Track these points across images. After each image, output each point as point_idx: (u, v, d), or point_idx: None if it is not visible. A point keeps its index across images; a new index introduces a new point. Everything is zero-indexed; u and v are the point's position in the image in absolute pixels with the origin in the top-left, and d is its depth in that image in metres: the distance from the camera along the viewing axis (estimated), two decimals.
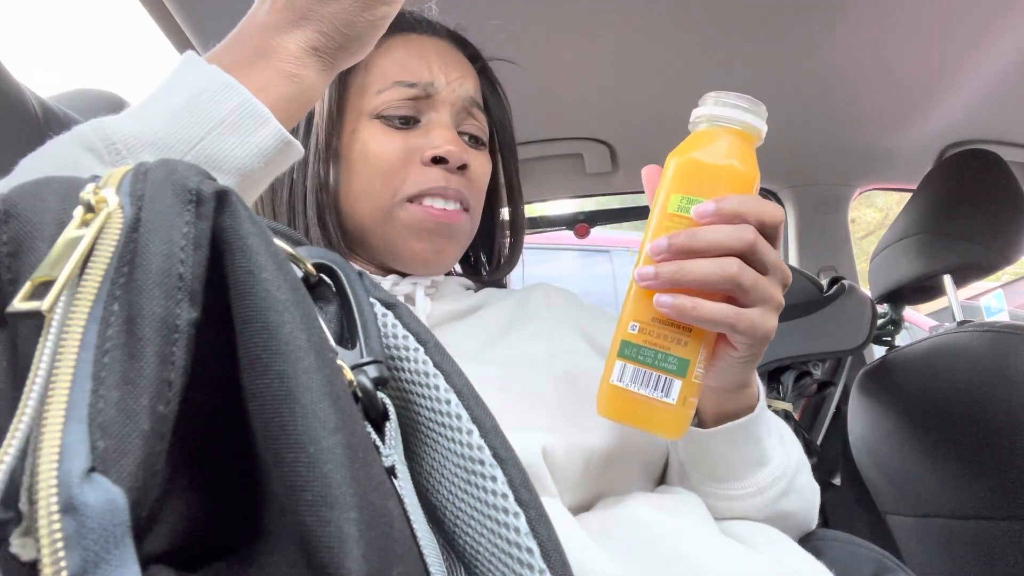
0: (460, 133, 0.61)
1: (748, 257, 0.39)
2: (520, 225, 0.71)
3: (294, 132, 0.58)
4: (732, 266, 0.38)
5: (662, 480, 0.55)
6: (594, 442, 0.47)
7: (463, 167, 0.59)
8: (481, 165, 0.62)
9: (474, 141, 0.63)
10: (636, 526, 0.41)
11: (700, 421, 0.48)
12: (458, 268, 0.72)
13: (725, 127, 0.42)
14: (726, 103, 0.42)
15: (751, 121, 0.42)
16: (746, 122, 0.42)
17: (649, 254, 0.40)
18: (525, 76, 1.04)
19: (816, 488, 0.53)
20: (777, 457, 0.48)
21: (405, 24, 0.63)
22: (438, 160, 0.57)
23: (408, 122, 0.59)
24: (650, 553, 0.39)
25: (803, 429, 1.14)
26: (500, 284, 0.72)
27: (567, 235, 1.49)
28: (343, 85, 0.58)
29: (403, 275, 0.60)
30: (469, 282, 0.66)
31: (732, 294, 0.39)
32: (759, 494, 0.47)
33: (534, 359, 0.53)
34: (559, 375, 0.51)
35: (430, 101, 0.59)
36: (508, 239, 0.72)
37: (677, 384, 0.39)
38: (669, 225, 0.40)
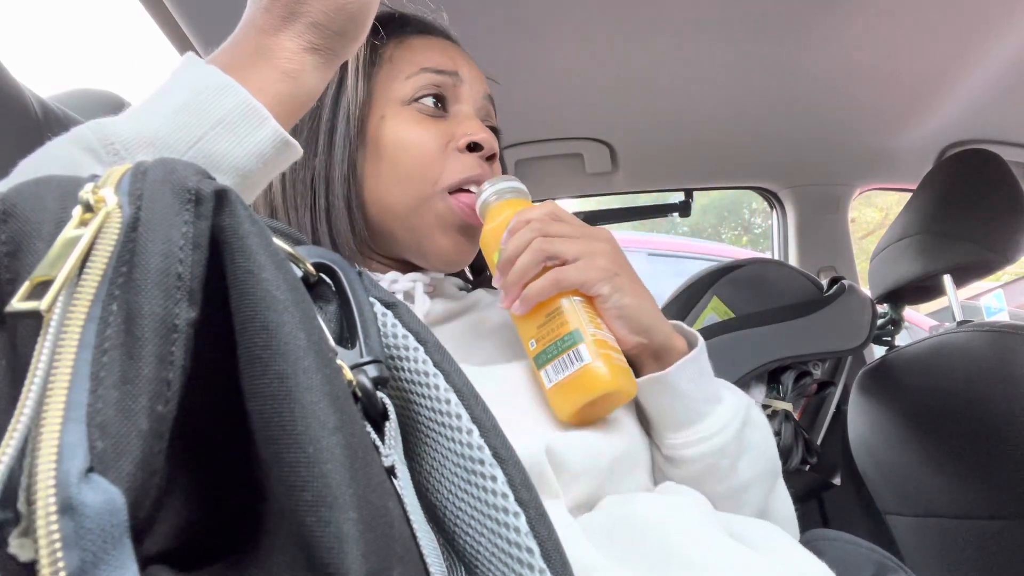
0: None
1: (547, 235, 0.48)
2: None
3: (313, 122, 0.59)
4: (535, 244, 0.48)
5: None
6: (596, 440, 0.47)
7: (492, 156, 0.61)
8: (499, 160, 0.64)
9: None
10: (640, 526, 0.41)
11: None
12: None
13: (502, 200, 0.54)
14: (495, 183, 0.55)
15: (516, 186, 0.55)
16: (514, 188, 0.55)
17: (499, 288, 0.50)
18: (526, 76, 1.04)
19: (767, 423, 0.56)
20: (728, 395, 0.52)
21: (422, 27, 0.64)
22: (472, 147, 0.59)
23: (437, 111, 0.60)
24: (654, 553, 0.39)
25: (803, 429, 1.14)
26: (491, 286, 0.72)
27: None
28: (367, 77, 0.59)
29: (403, 271, 0.60)
30: (462, 282, 0.67)
31: (553, 262, 0.48)
32: (725, 428, 0.50)
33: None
34: None
35: (456, 92, 0.61)
36: None
37: (582, 347, 0.46)
38: None
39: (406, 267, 0.61)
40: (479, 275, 0.73)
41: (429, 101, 0.59)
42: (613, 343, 0.48)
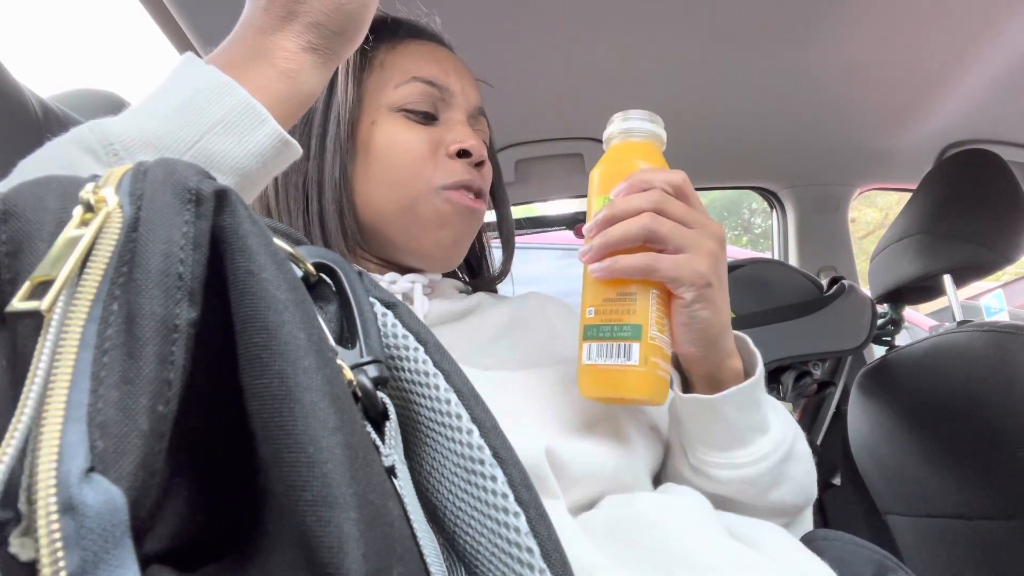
0: None
1: (662, 212, 0.44)
2: (510, 234, 0.72)
3: (305, 126, 0.59)
4: (644, 219, 0.44)
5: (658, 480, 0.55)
6: (598, 450, 0.47)
7: (480, 163, 0.61)
8: (490, 167, 0.64)
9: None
10: (642, 526, 0.41)
11: (703, 392, 0.49)
12: None
13: (631, 140, 0.49)
14: (630, 118, 0.49)
15: (652, 129, 0.49)
16: (648, 130, 0.49)
17: (585, 237, 0.47)
18: (525, 76, 1.04)
19: (811, 455, 0.54)
20: (775, 424, 0.50)
21: (414, 31, 0.64)
22: (462, 154, 0.59)
23: (427, 118, 0.60)
24: (654, 553, 0.39)
25: (803, 429, 1.14)
26: (492, 289, 0.72)
27: (550, 234, 1.49)
28: (358, 82, 0.59)
29: (402, 273, 0.60)
30: (462, 285, 0.66)
31: (653, 243, 0.45)
32: (764, 459, 0.48)
33: (532, 362, 0.54)
34: (558, 378, 0.51)
35: (447, 101, 0.61)
36: (501, 248, 0.73)
37: (635, 347, 0.44)
38: None
39: (402, 269, 0.61)
40: (476, 277, 0.73)
41: (419, 108, 0.59)
42: (667, 350, 0.46)
